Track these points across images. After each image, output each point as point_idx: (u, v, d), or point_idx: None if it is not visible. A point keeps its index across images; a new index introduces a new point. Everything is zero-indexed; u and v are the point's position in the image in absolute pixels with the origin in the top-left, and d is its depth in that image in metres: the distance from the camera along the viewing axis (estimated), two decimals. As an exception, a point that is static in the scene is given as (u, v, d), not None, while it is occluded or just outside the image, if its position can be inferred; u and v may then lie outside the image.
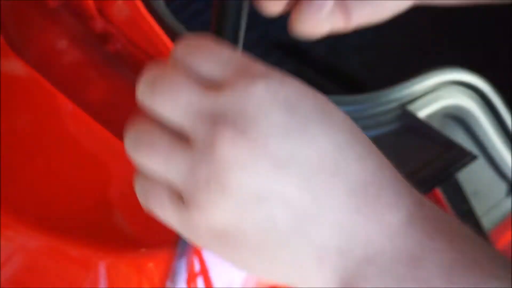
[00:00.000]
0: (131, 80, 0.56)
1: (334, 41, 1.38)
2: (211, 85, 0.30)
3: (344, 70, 1.30)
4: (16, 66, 0.58)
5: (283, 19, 0.38)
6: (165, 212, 0.32)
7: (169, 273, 0.41)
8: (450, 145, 0.73)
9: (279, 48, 1.30)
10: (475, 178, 0.84)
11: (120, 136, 0.57)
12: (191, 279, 0.52)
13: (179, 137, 0.31)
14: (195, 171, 0.30)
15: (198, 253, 0.53)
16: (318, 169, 0.30)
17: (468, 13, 1.35)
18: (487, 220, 0.84)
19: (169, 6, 0.62)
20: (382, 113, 0.76)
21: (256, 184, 0.30)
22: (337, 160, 0.30)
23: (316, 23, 0.36)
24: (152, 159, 0.31)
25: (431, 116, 0.79)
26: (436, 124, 0.77)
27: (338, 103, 0.31)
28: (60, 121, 0.58)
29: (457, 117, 0.83)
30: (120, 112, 0.61)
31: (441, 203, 0.76)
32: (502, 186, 0.87)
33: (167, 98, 0.30)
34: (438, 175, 0.70)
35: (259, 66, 0.31)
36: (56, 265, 0.50)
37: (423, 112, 0.78)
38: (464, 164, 0.72)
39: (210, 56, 0.31)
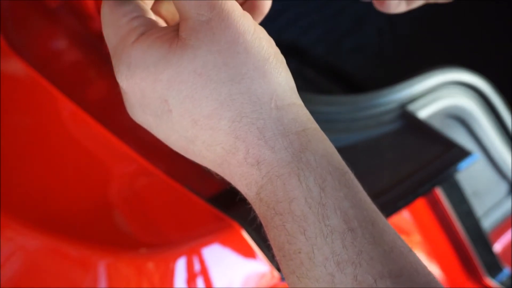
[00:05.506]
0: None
1: (334, 41, 1.38)
2: None
3: (344, 70, 1.30)
4: (16, 66, 0.58)
5: (283, 19, 0.38)
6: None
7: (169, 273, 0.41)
8: (450, 145, 0.73)
9: (279, 48, 1.30)
10: (475, 178, 0.84)
11: (120, 136, 0.57)
12: (191, 279, 0.52)
13: None
14: None
15: (198, 253, 0.53)
16: None
17: (468, 13, 1.35)
18: (487, 220, 0.84)
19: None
20: (382, 113, 0.76)
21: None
22: None
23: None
24: None
25: (431, 116, 0.79)
26: (436, 124, 0.77)
27: (338, 103, 0.31)
28: (60, 121, 0.58)
29: (457, 117, 0.83)
30: (120, 112, 0.61)
31: (441, 203, 0.76)
32: (502, 186, 0.87)
33: None
34: (438, 175, 0.70)
35: None
36: (56, 265, 0.50)
37: (423, 112, 0.78)
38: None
39: None
